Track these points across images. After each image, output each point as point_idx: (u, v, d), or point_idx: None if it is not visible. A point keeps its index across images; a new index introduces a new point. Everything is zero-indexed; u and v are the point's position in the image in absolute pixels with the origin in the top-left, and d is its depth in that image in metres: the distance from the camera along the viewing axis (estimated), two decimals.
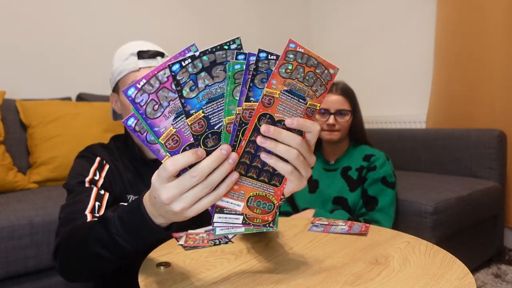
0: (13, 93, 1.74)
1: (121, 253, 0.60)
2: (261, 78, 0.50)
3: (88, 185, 0.83)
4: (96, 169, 0.86)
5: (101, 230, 0.61)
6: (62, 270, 0.70)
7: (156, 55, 0.87)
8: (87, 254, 0.63)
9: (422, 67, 2.39)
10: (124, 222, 0.58)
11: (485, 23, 1.99)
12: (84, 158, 0.89)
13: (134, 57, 0.86)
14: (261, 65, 0.49)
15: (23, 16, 1.78)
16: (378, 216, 1.21)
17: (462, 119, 2.11)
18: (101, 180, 0.85)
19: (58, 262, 0.70)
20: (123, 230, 0.58)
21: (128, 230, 0.58)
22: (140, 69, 0.85)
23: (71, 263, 0.68)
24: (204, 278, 0.59)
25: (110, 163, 0.89)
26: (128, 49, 0.87)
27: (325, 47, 3.04)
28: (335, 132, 1.27)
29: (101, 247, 0.60)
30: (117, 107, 0.95)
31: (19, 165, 1.55)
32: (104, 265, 0.63)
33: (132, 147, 0.94)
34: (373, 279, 0.59)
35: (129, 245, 0.58)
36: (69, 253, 0.67)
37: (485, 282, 1.61)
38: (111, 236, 0.59)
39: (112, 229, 0.59)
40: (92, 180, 0.84)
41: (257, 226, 0.54)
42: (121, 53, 0.88)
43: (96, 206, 0.79)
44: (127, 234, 0.58)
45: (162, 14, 2.28)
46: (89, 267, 0.65)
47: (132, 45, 0.88)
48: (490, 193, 1.68)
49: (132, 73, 0.86)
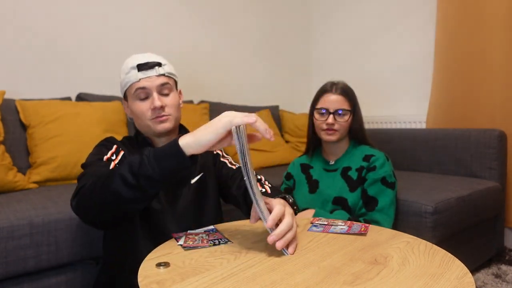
0: (13, 93, 1.74)
1: (144, 176, 0.70)
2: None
3: (106, 161, 0.93)
4: (113, 153, 0.96)
5: (135, 157, 0.73)
6: (80, 205, 0.78)
7: (154, 66, 0.97)
8: (112, 180, 0.72)
9: (422, 67, 2.39)
10: (156, 151, 0.72)
11: (485, 23, 1.99)
12: (102, 146, 0.99)
13: (134, 70, 0.97)
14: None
15: (23, 16, 1.78)
16: (378, 216, 1.21)
17: (462, 119, 2.11)
18: (117, 160, 0.95)
19: (77, 199, 0.78)
20: (153, 154, 0.71)
21: (156, 154, 0.71)
22: (140, 79, 0.96)
23: (92, 195, 0.75)
24: (204, 278, 0.59)
25: (125, 151, 0.99)
26: (129, 63, 0.98)
27: (325, 47, 3.04)
28: (334, 132, 1.27)
29: (128, 171, 0.71)
30: (128, 112, 1.05)
31: (19, 165, 1.55)
32: (125, 193, 0.71)
33: (142, 141, 1.02)
34: (372, 279, 0.58)
35: (151, 169, 0.69)
36: (95, 184, 0.75)
37: (485, 282, 1.61)
38: (140, 158, 0.71)
39: (145, 152, 0.72)
40: (109, 159, 0.94)
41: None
42: (125, 67, 0.99)
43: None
44: (154, 158, 0.70)
45: (162, 14, 2.28)
46: (111, 196, 0.72)
47: (133, 58, 0.99)
48: (490, 193, 1.68)
49: (134, 83, 0.97)
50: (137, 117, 0.99)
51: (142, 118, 0.98)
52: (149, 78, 0.96)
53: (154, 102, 0.95)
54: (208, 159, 1.09)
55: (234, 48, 2.66)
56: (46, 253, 1.09)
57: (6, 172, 1.41)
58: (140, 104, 0.97)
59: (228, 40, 2.63)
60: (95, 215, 0.78)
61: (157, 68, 0.97)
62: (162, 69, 0.98)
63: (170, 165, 0.70)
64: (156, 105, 0.95)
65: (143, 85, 0.95)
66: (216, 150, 1.13)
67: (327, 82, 1.34)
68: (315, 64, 3.13)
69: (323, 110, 1.28)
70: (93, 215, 0.78)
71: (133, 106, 0.99)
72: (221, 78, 2.59)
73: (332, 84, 1.31)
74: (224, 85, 2.59)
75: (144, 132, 1.02)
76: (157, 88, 0.97)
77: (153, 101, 0.95)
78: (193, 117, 2.03)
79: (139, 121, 1.00)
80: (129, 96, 0.99)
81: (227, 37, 2.62)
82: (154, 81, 0.96)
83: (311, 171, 1.38)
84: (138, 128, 1.03)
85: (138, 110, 0.97)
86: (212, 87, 2.51)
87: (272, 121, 2.49)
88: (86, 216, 0.80)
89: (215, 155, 1.12)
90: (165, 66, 1.00)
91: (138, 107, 0.97)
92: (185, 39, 2.39)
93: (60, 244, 1.11)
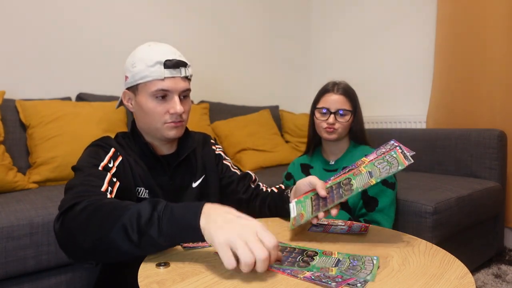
0: (13, 93, 1.74)
1: (148, 237, 0.62)
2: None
3: (102, 169, 0.84)
4: (110, 158, 0.88)
5: (146, 205, 0.65)
6: (63, 234, 0.68)
7: (181, 66, 0.89)
8: (112, 227, 0.63)
9: (423, 67, 2.39)
10: (173, 210, 0.64)
11: (485, 23, 1.99)
12: (98, 147, 0.90)
13: (160, 66, 0.87)
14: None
15: (23, 16, 1.78)
16: (378, 216, 1.21)
17: (462, 119, 2.11)
18: (114, 169, 0.87)
19: (61, 223, 0.68)
20: (169, 215, 0.63)
21: (173, 216, 0.63)
22: (165, 78, 0.88)
23: (85, 229, 0.66)
24: (204, 278, 0.59)
25: (123, 156, 0.91)
26: (154, 55, 0.88)
27: (325, 47, 3.04)
28: (334, 131, 1.27)
29: (135, 223, 0.63)
30: (129, 105, 0.96)
31: (18, 165, 1.55)
32: (124, 246, 0.63)
33: (141, 144, 0.96)
34: (368, 279, 0.58)
35: (157, 233, 0.62)
36: (88, 220, 0.66)
37: (485, 282, 1.61)
38: (151, 214, 0.63)
39: (159, 207, 0.64)
40: (106, 166, 0.85)
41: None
42: (147, 57, 0.88)
43: (108, 190, 0.80)
44: (168, 221, 0.62)
45: (162, 14, 2.28)
46: (106, 242, 0.64)
47: (158, 51, 0.89)
48: (490, 193, 1.68)
49: (157, 81, 0.88)
50: (147, 116, 0.91)
51: (154, 120, 0.90)
52: (173, 78, 0.88)
53: (176, 107, 0.88)
54: (210, 160, 1.08)
55: (234, 48, 2.66)
56: (46, 253, 1.09)
57: (6, 172, 1.41)
58: (156, 104, 0.89)
59: (228, 40, 2.62)
60: (81, 254, 0.68)
61: (183, 69, 0.90)
62: (187, 71, 0.91)
63: (183, 238, 0.64)
64: (178, 111, 0.88)
65: (167, 86, 0.88)
66: (217, 151, 1.12)
67: (329, 81, 1.34)
68: (315, 64, 3.13)
69: (324, 110, 1.28)
70: (78, 252, 0.68)
71: (145, 103, 0.89)
72: (221, 78, 2.59)
73: (334, 84, 1.31)
74: (224, 85, 2.59)
75: (147, 132, 0.95)
76: (180, 92, 0.90)
77: (174, 105, 0.88)
78: (193, 117, 2.03)
79: (147, 121, 0.92)
80: (143, 91, 0.89)
81: (227, 37, 2.62)
82: (178, 84, 0.89)
83: (311, 171, 1.38)
84: (141, 126, 0.96)
85: (152, 110, 0.89)
86: (212, 87, 2.51)
87: (272, 121, 2.49)
88: (69, 251, 0.69)
89: (217, 156, 1.11)
90: (190, 68, 0.92)
91: (154, 107, 0.89)
92: (185, 39, 2.39)
93: None
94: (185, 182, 1.00)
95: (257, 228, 0.59)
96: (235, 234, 0.57)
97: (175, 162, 0.98)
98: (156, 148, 0.98)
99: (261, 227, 0.60)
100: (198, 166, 1.04)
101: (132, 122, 1.00)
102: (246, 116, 2.37)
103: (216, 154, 1.11)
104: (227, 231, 0.58)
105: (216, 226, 0.59)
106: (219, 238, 0.57)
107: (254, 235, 0.58)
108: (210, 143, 1.12)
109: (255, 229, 0.59)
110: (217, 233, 0.58)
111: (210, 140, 1.14)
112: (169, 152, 1.00)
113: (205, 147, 1.09)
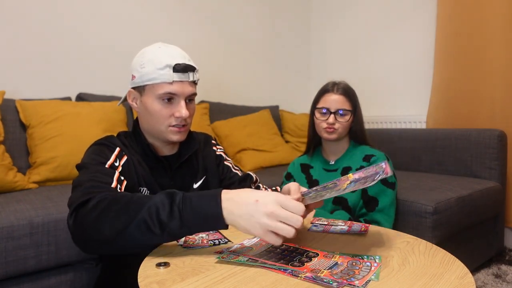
0: (13, 93, 1.74)
1: (169, 230, 0.64)
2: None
3: (109, 168, 0.85)
4: (116, 156, 0.89)
5: (163, 198, 0.66)
6: (81, 229, 0.68)
7: (188, 70, 0.90)
8: (131, 215, 0.65)
9: (423, 67, 2.39)
10: (192, 201, 0.65)
11: (485, 23, 1.99)
12: (103, 145, 0.91)
13: (170, 70, 0.88)
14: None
15: (23, 16, 1.78)
16: (378, 216, 1.21)
17: (462, 119, 2.11)
18: (120, 168, 0.87)
19: (75, 219, 0.69)
20: (189, 207, 0.65)
21: (193, 207, 0.65)
22: (173, 82, 0.88)
23: (102, 223, 0.66)
24: (204, 278, 0.59)
25: (128, 155, 0.92)
26: (164, 58, 0.88)
27: (325, 47, 3.04)
28: (334, 131, 1.27)
29: (154, 213, 0.64)
30: (134, 104, 0.96)
31: (18, 165, 1.55)
32: (139, 235, 0.65)
33: (143, 144, 0.96)
34: (372, 279, 0.58)
35: (181, 224, 0.64)
36: (107, 212, 0.67)
37: (485, 282, 1.61)
38: (171, 206, 0.65)
39: (177, 199, 0.65)
40: (113, 165, 0.86)
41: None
42: (157, 59, 0.88)
43: (118, 188, 0.80)
44: (190, 212, 0.64)
45: (162, 14, 2.28)
46: (124, 235, 0.65)
47: (168, 54, 0.89)
48: (490, 193, 1.67)
49: (165, 84, 0.88)
50: (152, 117, 0.91)
51: (158, 122, 0.91)
52: (181, 83, 0.89)
53: (181, 111, 0.89)
54: (211, 160, 1.08)
55: (234, 48, 2.66)
56: (46, 253, 1.09)
57: (6, 172, 1.41)
58: (162, 106, 0.89)
59: (228, 40, 2.62)
60: (97, 248, 0.70)
61: (191, 73, 0.91)
62: (195, 76, 0.92)
63: (205, 228, 0.66)
64: (183, 115, 0.89)
65: (175, 90, 0.88)
66: (218, 151, 1.12)
67: (329, 81, 1.34)
68: (315, 64, 3.13)
69: (324, 110, 1.28)
70: (95, 246, 0.70)
71: (151, 105, 0.90)
72: (221, 78, 2.59)
73: (334, 84, 1.31)
74: (224, 85, 2.59)
75: (149, 133, 0.96)
76: (186, 96, 0.91)
77: (180, 109, 0.89)
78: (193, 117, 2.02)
79: (151, 122, 0.92)
80: (150, 92, 0.90)
81: (228, 37, 2.62)
82: (185, 88, 0.90)
83: (311, 171, 1.38)
84: (144, 126, 0.96)
85: (158, 112, 0.90)
86: (212, 87, 2.51)
87: (272, 121, 2.49)
88: (85, 246, 0.71)
89: (218, 156, 1.11)
90: (197, 72, 0.94)
91: (160, 109, 0.89)
92: (185, 39, 2.39)
93: (60, 244, 1.11)
94: (186, 183, 1.00)
95: (279, 201, 0.63)
96: (265, 217, 0.62)
97: (176, 163, 0.99)
98: (158, 149, 0.98)
99: (282, 198, 0.63)
100: (199, 167, 1.04)
101: (135, 121, 1.00)
102: (246, 116, 2.37)
103: (217, 155, 1.11)
104: (258, 216, 0.62)
105: (242, 213, 0.63)
106: (256, 228, 0.62)
107: (280, 209, 0.62)
108: (211, 143, 1.12)
109: (278, 202, 0.62)
110: (251, 222, 0.63)
111: (211, 140, 1.14)
112: (171, 153, 1.00)
113: (206, 148, 1.09)
